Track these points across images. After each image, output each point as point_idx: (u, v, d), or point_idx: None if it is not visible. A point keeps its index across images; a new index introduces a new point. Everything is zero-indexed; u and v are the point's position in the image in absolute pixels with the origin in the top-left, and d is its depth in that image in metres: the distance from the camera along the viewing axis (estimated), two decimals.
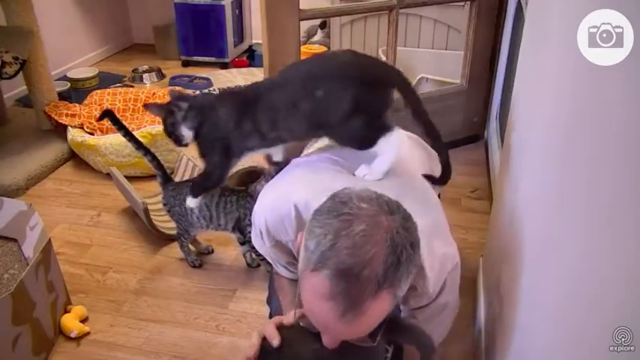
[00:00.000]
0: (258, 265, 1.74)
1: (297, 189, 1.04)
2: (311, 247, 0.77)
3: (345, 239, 0.74)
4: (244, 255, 1.73)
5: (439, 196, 1.28)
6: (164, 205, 1.67)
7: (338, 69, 1.08)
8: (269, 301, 1.45)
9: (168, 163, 2.20)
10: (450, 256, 1.00)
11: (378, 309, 0.76)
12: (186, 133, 1.26)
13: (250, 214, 1.54)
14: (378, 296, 0.75)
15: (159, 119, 2.57)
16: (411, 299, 1.03)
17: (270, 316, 1.44)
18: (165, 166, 1.71)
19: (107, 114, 1.61)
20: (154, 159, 1.66)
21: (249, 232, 1.60)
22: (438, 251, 0.98)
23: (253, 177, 1.86)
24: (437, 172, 1.32)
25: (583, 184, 0.68)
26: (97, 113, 2.46)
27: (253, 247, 1.64)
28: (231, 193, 1.60)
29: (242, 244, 1.70)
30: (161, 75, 3.44)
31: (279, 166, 1.29)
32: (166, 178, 1.68)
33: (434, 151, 1.35)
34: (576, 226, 0.70)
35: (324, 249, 0.75)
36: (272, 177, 1.40)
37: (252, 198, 1.57)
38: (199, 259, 1.77)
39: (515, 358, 0.99)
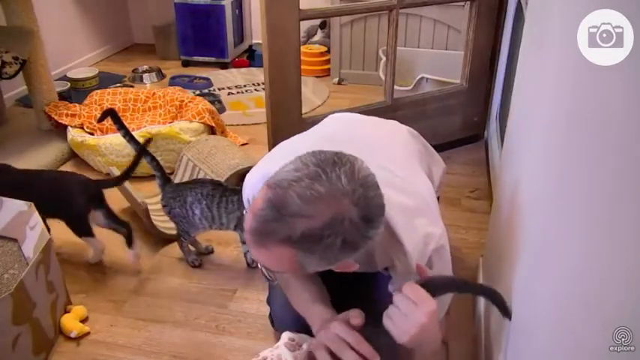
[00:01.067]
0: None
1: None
2: (284, 169, 0.83)
3: (302, 186, 0.78)
4: (245, 254, 1.73)
5: (438, 198, 1.29)
6: (164, 206, 1.67)
7: None
8: (269, 301, 1.45)
9: (168, 163, 2.20)
10: (434, 235, 1.00)
11: (279, 256, 0.82)
12: None
13: None
14: (283, 247, 0.80)
15: (159, 119, 2.59)
16: (398, 279, 1.02)
17: (271, 317, 1.44)
18: (164, 167, 1.71)
19: (109, 113, 1.61)
20: (152, 160, 1.66)
21: None
22: (421, 230, 0.99)
23: None
24: (435, 169, 1.33)
25: (583, 184, 0.68)
26: (97, 113, 2.46)
27: None
28: (232, 193, 1.60)
29: (244, 242, 1.70)
30: (161, 75, 3.44)
31: None
32: (165, 180, 1.68)
33: (434, 150, 1.36)
34: (576, 226, 0.70)
35: (286, 178, 0.80)
36: None
37: None
38: (199, 259, 1.77)
39: (515, 358, 0.99)
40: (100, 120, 1.70)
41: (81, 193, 1.67)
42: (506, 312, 0.98)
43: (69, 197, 1.66)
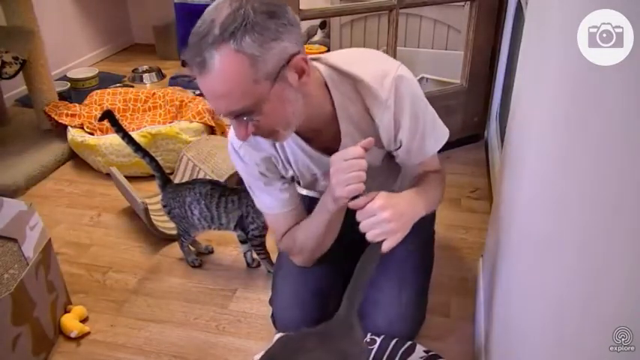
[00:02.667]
0: (258, 265, 1.74)
1: None
2: None
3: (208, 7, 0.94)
4: (244, 254, 1.73)
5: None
6: (164, 206, 1.67)
7: None
8: (271, 302, 1.45)
9: (168, 163, 2.20)
10: (389, 69, 1.08)
11: (226, 66, 0.89)
12: None
13: (255, 212, 1.56)
14: (219, 48, 0.88)
15: (159, 119, 2.59)
16: (380, 124, 1.11)
17: (273, 316, 1.44)
18: (164, 167, 1.71)
19: (107, 115, 1.61)
20: (152, 161, 1.65)
21: (252, 230, 1.60)
22: (374, 67, 1.09)
23: None
24: None
25: (582, 184, 0.68)
26: (97, 113, 2.46)
27: (255, 246, 1.65)
28: (232, 193, 1.60)
29: (243, 242, 1.70)
30: (161, 75, 3.44)
31: None
32: (165, 180, 1.67)
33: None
34: (576, 226, 0.70)
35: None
36: None
37: None
38: (199, 259, 1.77)
39: (514, 358, 0.99)
40: (100, 120, 1.70)
41: None
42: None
43: None
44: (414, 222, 1.12)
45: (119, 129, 1.63)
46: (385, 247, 1.06)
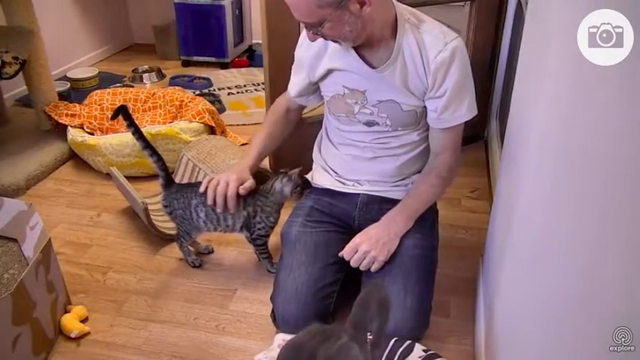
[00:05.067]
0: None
1: None
2: None
3: None
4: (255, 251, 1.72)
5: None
6: (165, 207, 1.65)
7: None
8: (272, 298, 1.44)
9: (168, 163, 2.20)
10: (450, 32, 1.29)
11: None
12: None
13: (263, 212, 1.56)
14: None
15: (159, 119, 2.58)
16: (433, 61, 1.28)
17: (273, 313, 1.44)
18: None
19: (121, 110, 1.58)
20: (159, 160, 1.64)
21: (259, 229, 1.60)
22: (445, 29, 1.31)
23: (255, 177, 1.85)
24: None
25: (582, 184, 0.68)
26: (97, 113, 2.46)
27: (258, 246, 1.65)
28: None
29: (254, 240, 1.68)
30: (161, 75, 3.44)
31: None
32: (169, 180, 1.67)
33: None
34: (576, 226, 0.70)
35: None
36: (295, 176, 1.57)
37: (267, 196, 1.58)
38: (199, 259, 1.77)
39: (514, 358, 0.99)
40: (113, 117, 1.66)
41: None
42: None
43: None
44: (398, 236, 1.37)
45: (131, 124, 1.60)
46: (373, 269, 1.35)
